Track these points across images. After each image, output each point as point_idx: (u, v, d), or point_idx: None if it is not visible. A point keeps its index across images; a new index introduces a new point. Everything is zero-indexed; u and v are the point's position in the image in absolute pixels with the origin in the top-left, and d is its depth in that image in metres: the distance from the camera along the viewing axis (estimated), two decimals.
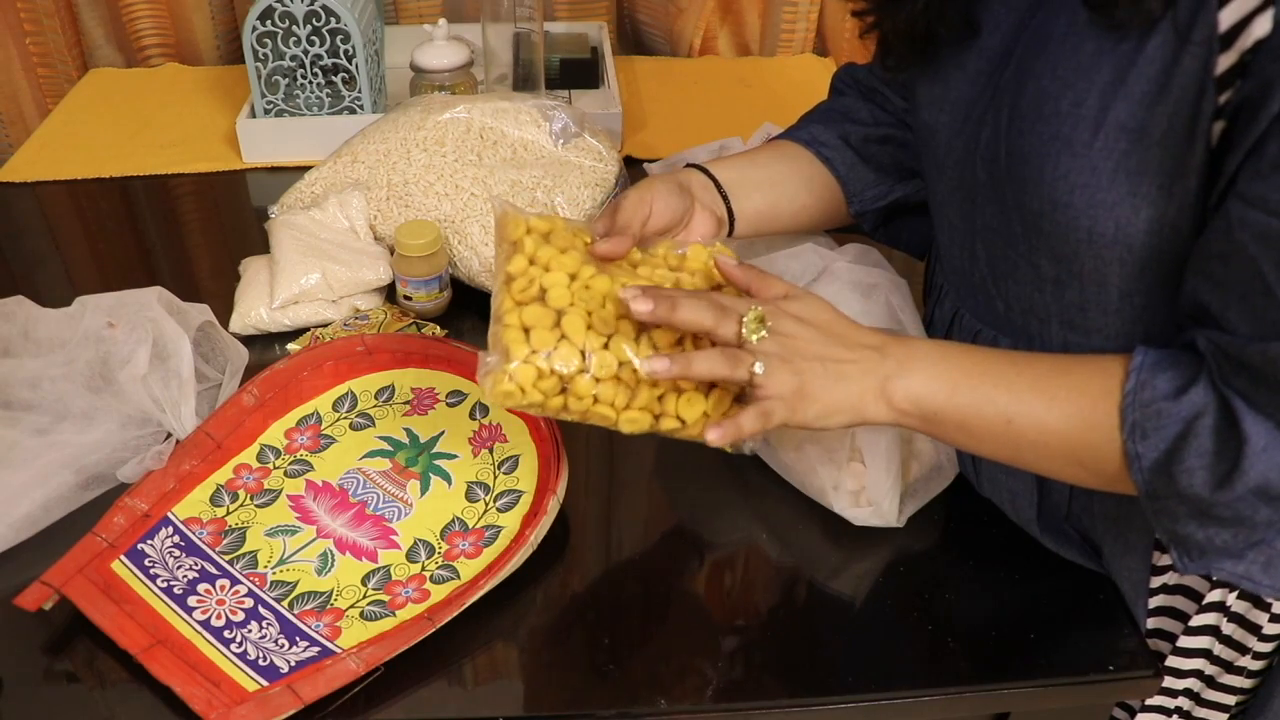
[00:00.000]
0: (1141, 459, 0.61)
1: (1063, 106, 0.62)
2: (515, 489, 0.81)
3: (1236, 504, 0.60)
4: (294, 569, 0.76)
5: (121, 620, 0.71)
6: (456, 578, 0.75)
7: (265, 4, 1.21)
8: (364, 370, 0.90)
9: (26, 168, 1.28)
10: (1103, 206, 0.61)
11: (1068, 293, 0.68)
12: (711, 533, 0.81)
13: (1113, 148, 0.60)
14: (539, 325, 0.66)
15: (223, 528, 0.79)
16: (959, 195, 0.73)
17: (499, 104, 1.10)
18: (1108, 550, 0.76)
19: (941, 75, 0.72)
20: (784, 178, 0.89)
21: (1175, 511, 0.63)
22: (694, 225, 0.83)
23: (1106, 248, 0.63)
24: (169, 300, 0.89)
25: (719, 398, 0.68)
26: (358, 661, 0.67)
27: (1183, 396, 0.60)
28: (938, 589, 0.76)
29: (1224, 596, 0.74)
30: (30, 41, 1.49)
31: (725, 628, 0.75)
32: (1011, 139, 0.65)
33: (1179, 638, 0.77)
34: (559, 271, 0.69)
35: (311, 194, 1.10)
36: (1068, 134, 0.62)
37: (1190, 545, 0.64)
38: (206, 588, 0.74)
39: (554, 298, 0.67)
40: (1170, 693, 0.80)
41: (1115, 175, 0.60)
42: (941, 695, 0.70)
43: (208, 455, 0.83)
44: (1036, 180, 0.64)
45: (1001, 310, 0.73)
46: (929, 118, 0.74)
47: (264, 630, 0.71)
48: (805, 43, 1.62)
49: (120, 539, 0.76)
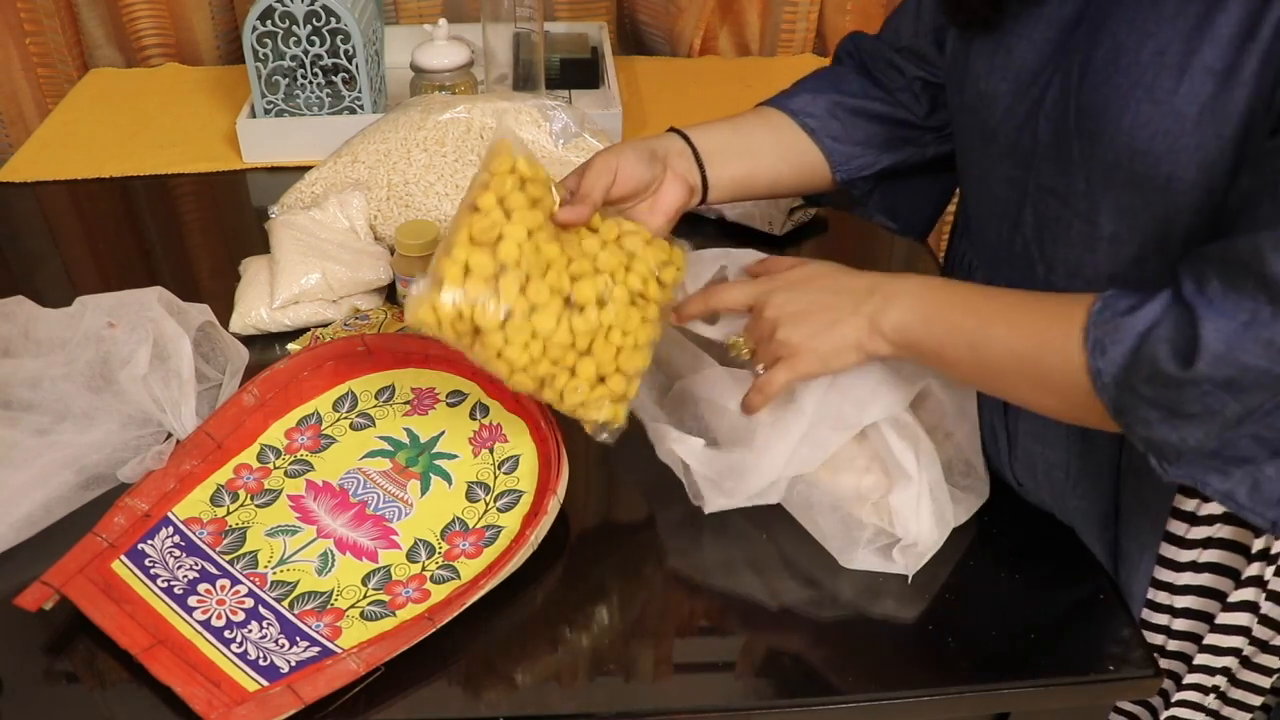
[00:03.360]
0: (1103, 374, 0.63)
1: (1143, 57, 0.63)
2: (515, 489, 0.81)
3: (1203, 395, 0.60)
4: (294, 569, 0.76)
5: (122, 620, 0.71)
6: (457, 578, 0.75)
7: (265, 4, 1.21)
8: (364, 370, 0.90)
9: (26, 168, 1.28)
10: (1185, 151, 0.63)
11: (1124, 249, 0.69)
12: (711, 533, 0.81)
13: (1198, 91, 0.61)
14: (479, 273, 0.70)
15: (223, 528, 0.79)
16: (1009, 161, 0.74)
17: (499, 104, 1.10)
18: (1124, 507, 0.77)
19: (1005, 44, 0.73)
20: (764, 146, 0.90)
21: (1146, 418, 0.63)
22: (663, 192, 0.83)
23: (1183, 194, 0.64)
24: (169, 300, 0.89)
25: (603, 390, 0.75)
26: (358, 661, 0.67)
27: (1138, 311, 0.62)
28: (937, 589, 0.76)
29: (1262, 570, 0.75)
30: (30, 41, 1.49)
31: (725, 628, 0.75)
32: (1084, 95, 0.67)
33: (1217, 616, 0.77)
34: (518, 225, 0.71)
35: (311, 194, 1.10)
36: (1149, 82, 0.63)
37: (1166, 449, 0.65)
38: (207, 588, 0.74)
39: (504, 250, 0.70)
40: (1209, 670, 0.80)
41: (1201, 118, 0.62)
42: (941, 695, 0.70)
43: (208, 455, 0.83)
44: (1113, 131, 0.65)
45: (1042, 275, 0.75)
46: (987, 86, 0.74)
47: (264, 630, 0.71)
48: (805, 43, 1.62)
49: (120, 539, 0.76)
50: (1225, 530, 0.75)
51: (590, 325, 0.73)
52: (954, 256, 0.88)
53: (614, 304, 0.75)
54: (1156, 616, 0.80)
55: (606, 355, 0.75)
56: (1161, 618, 0.80)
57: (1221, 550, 0.76)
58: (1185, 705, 0.83)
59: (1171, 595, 0.79)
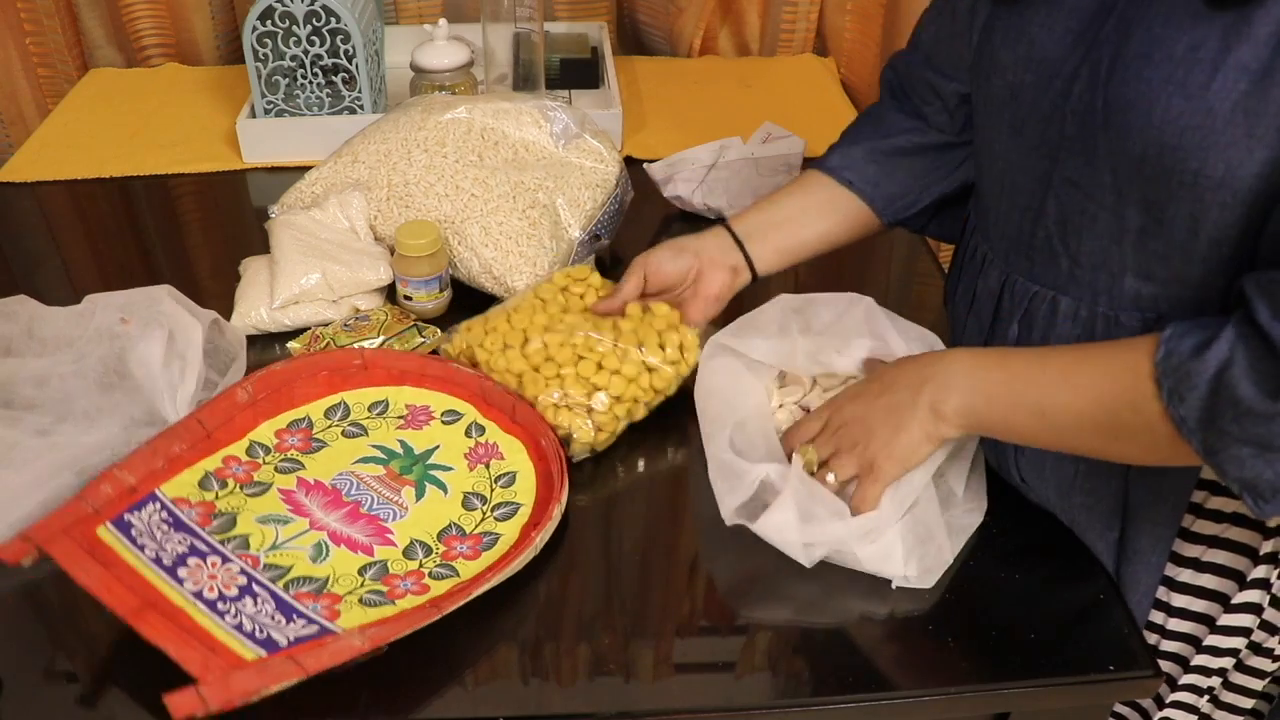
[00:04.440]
0: (1187, 420, 0.63)
1: (1177, 51, 0.63)
2: (513, 501, 0.80)
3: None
4: (288, 554, 0.74)
5: (109, 581, 0.66)
6: (456, 575, 0.74)
7: (265, 4, 1.21)
8: (359, 384, 0.90)
9: (26, 168, 1.28)
10: (1215, 148, 0.63)
11: (1151, 243, 0.69)
12: (711, 534, 0.81)
13: (1232, 88, 0.61)
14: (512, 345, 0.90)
15: (212, 510, 0.76)
16: (1036, 154, 0.74)
17: (500, 104, 1.10)
18: (1134, 499, 0.77)
19: (1027, 35, 0.73)
20: (803, 210, 0.95)
21: (1238, 455, 0.62)
22: (703, 279, 0.93)
23: (1211, 191, 0.64)
24: (178, 297, 0.90)
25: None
26: (362, 639, 0.64)
27: (1207, 351, 0.61)
28: (938, 589, 0.76)
29: (1269, 574, 0.75)
30: (30, 41, 1.49)
31: (725, 628, 0.75)
32: (1112, 88, 0.66)
33: (1218, 618, 0.77)
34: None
35: (312, 194, 1.10)
36: (1182, 77, 0.63)
37: (1262, 485, 0.63)
38: (197, 562, 0.71)
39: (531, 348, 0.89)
40: (1206, 671, 0.81)
41: (1233, 115, 0.61)
42: (941, 695, 0.70)
43: (197, 442, 0.81)
44: (1143, 125, 0.65)
45: (1066, 268, 0.74)
46: (1014, 78, 0.74)
47: (260, 606, 0.68)
48: (805, 43, 1.62)
49: (106, 506, 0.73)
50: (1233, 532, 0.75)
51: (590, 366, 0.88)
52: (964, 251, 0.88)
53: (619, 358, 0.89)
54: (1153, 615, 0.80)
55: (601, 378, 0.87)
56: (1157, 616, 0.80)
57: (1229, 552, 0.76)
58: (1179, 706, 0.83)
59: (1170, 592, 0.79)
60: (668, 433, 0.90)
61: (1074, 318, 0.75)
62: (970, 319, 0.85)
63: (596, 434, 0.85)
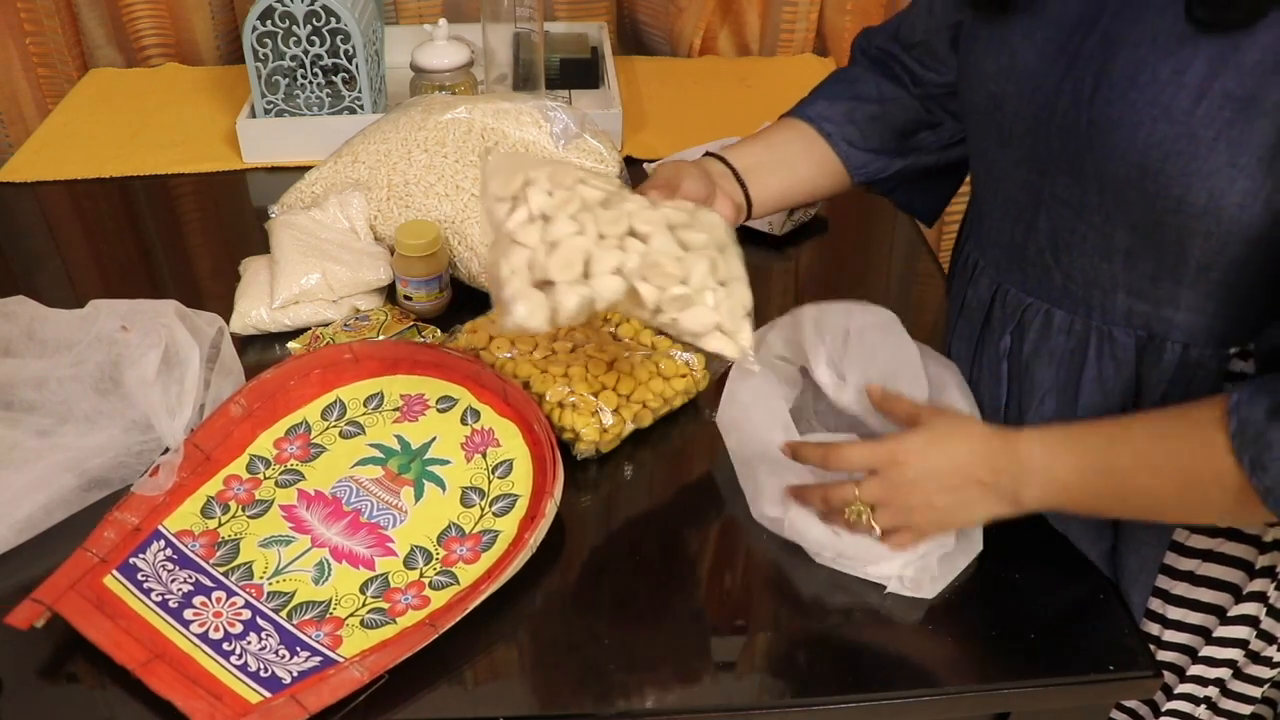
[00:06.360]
0: (1273, 492, 0.61)
1: (1162, 74, 0.62)
2: (511, 493, 0.81)
3: None
4: (291, 579, 0.75)
5: (117, 636, 0.70)
6: (456, 583, 0.75)
7: (265, 4, 1.21)
8: (352, 378, 0.89)
9: (26, 168, 1.28)
10: (1197, 175, 0.62)
11: (1140, 264, 0.69)
12: (710, 533, 0.81)
13: (1215, 116, 0.60)
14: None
15: (215, 540, 0.78)
16: (1025, 167, 0.73)
17: (500, 105, 1.10)
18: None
19: (1008, 46, 0.72)
20: (795, 158, 0.93)
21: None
22: (717, 209, 0.84)
23: (1194, 218, 0.64)
24: (184, 313, 0.90)
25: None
26: (361, 670, 0.67)
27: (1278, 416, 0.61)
28: (938, 589, 0.76)
29: (1265, 587, 0.75)
30: (30, 41, 1.49)
31: (725, 628, 0.75)
32: (1097, 108, 0.66)
33: (1214, 630, 0.77)
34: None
35: (312, 194, 1.10)
36: (1166, 101, 0.62)
37: None
38: (202, 600, 0.73)
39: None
40: (1202, 681, 0.80)
41: (1215, 143, 0.61)
42: (941, 695, 0.70)
43: (196, 467, 0.82)
44: (1126, 148, 0.64)
45: (1059, 282, 0.74)
46: (996, 88, 0.74)
47: (264, 641, 0.71)
48: (805, 43, 1.62)
49: (111, 553, 0.75)
50: (1228, 546, 0.75)
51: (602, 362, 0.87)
52: (959, 260, 0.88)
53: None
54: (1149, 626, 0.80)
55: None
56: (1153, 628, 0.80)
57: (1223, 566, 0.76)
58: (1175, 715, 0.83)
59: (1165, 605, 0.79)
60: (671, 437, 0.90)
61: (1068, 331, 0.74)
62: (961, 323, 0.85)
63: (602, 434, 0.84)
